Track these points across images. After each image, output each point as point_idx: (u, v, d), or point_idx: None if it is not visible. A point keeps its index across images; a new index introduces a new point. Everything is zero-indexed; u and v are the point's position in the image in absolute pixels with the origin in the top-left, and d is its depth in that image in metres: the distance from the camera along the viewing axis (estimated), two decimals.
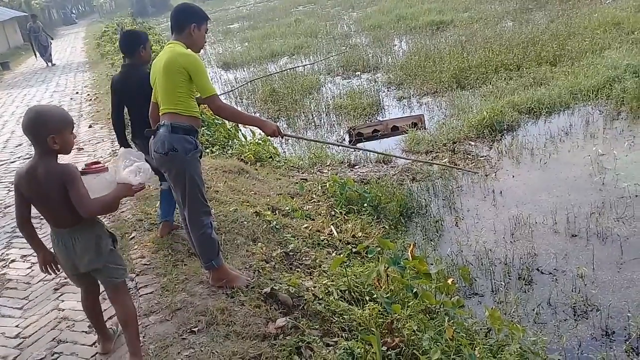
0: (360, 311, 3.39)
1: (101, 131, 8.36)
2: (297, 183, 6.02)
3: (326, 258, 4.24)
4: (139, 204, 5.00)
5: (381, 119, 8.95)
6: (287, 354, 2.85)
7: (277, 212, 5.01)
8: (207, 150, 6.93)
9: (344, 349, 2.92)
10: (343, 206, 5.41)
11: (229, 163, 6.33)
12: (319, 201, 5.58)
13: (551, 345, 3.52)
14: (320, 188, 5.85)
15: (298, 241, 4.41)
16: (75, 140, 2.59)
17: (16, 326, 3.44)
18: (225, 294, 3.36)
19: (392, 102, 10.05)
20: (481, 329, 3.58)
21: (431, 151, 7.13)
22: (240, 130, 8.21)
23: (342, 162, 7.23)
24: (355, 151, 7.41)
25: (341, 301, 3.50)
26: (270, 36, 20.37)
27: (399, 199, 5.57)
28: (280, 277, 3.69)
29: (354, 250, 4.52)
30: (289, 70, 13.09)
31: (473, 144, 7.16)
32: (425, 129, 8.10)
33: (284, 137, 4.09)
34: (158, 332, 3.03)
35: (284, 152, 8.19)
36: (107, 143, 7.58)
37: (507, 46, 11.07)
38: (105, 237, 2.65)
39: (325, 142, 8.15)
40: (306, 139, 8.29)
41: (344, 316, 3.32)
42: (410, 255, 3.59)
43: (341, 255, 4.10)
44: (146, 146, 3.41)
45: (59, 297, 3.71)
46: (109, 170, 2.62)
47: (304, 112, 10.10)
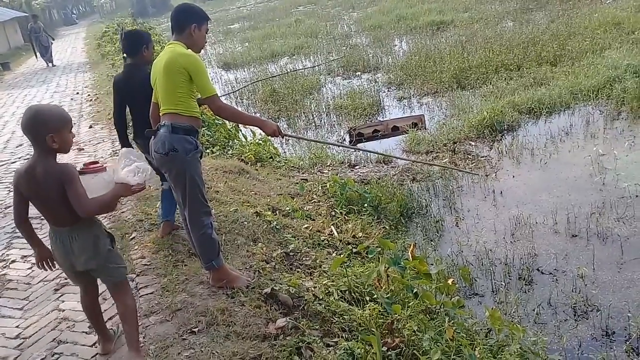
0: (360, 311, 3.39)
1: (102, 131, 8.37)
2: (298, 183, 6.02)
3: (326, 258, 4.24)
4: (139, 204, 5.01)
5: (381, 119, 8.94)
6: (288, 354, 2.85)
7: (277, 212, 5.01)
8: (207, 150, 6.93)
9: (344, 350, 2.92)
10: (343, 206, 5.41)
11: (229, 163, 6.33)
12: (319, 201, 5.58)
13: (551, 346, 3.52)
14: (320, 188, 5.85)
15: (298, 241, 4.41)
16: (75, 141, 2.61)
17: (16, 327, 3.44)
18: (225, 294, 3.36)
19: (392, 102, 10.05)
20: (481, 329, 3.58)
21: (431, 151, 7.13)
22: (241, 130, 8.21)
23: (342, 163, 7.23)
24: (355, 151, 7.41)
25: (341, 301, 3.50)
26: (270, 36, 20.37)
27: (399, 199, 5.57)
28: (281, 277, 3.69)
29: (354, 250, 4.52)
30: (291, 71, 13.09)
31: (473, 144, 7.16)
32: (425, 129, 8.09)
33: (284, 137, 4.10)
34: (158, 333, 3.03)
35: (285, 152, 8.19)
36: (107, 143, 7.58)
37: (508, 46, 11.06)
38: (103, 237, 2.66)
39: (325, 143, 8.15)
40: (306, 139, 8.29)
41: (344, 316, 3.32)
42: (410, 256, 3.60)
43: (341, 256, 4.10)
44: (147, 146, 3.41)
45: (60, 297, 3.72)
46: (107, 170, 2.64)
47: (304, 113, 10.10)
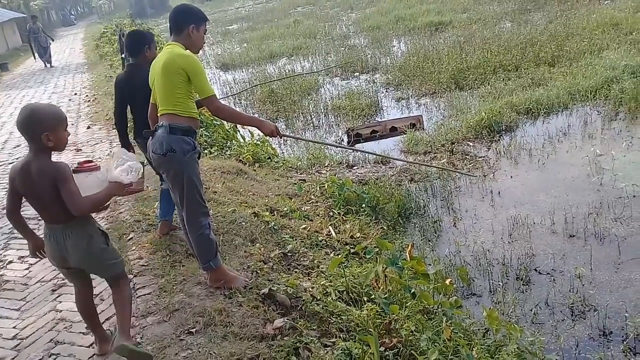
0: (358, 312, 3.40)
1: (99, 132, 8.35)
2: (296, 184, 6.02)
3: (324, 259, 4.24)
4: (136, 204, 5.00)
5: (380, 120, 8.96)
6: (285, 354, 2.85)
7: (275, 212, 5.01)
8: (205, 151, 6.92)
9: (341, 350, 2.92)
10: (341, 207, 5.41)
11: (227, 164, 6.33)
12: (317, 202, 5.58)
13: (549, 346, 3.53)
14: (318, 189, 5.85)
15: (296, 242, 4.41)
16: (73, 142, 2.62)
17: (13, 327, 3.44)
18: (223, 294, 3.36)
19: (390, 103, 10.06)
20: (479, 329, 3.58)
21: (429, 152, 7.14)
22: (239, 131, 8.21)
23: (340, 163, 7.24)
24: (353, 152, 7.42)
25: (339, 302, 3.50)
26: (269, 37, 20.38)
27: (397, 199, 5.57)
28: (279, 277, 3.69)
29: (352, 250, 4.51)
30: (290, 74, 13.07)
31: (471, 144, 7.17)
32: (423, 129, 8.11)
33: (283, 138, 4.10)
34: (156, 333, 3.02)
35: (283, 152, 8.19)
36: (105, 144, 7.57)
37: (506, 47, 11.09)
38: (97, 236, 2.68)
39: (323, 143, 8.15)
40: (305, 139, 8.29)
41: (342, 317, 3.32)
42: (408, 256, 3.59)
43: (339, 256, 4.11)
44: (147, 146, 3.41)
45: (57, 298, 3.71)
46: (100, 169, 2.67)
47: (302, 113, 10.11)
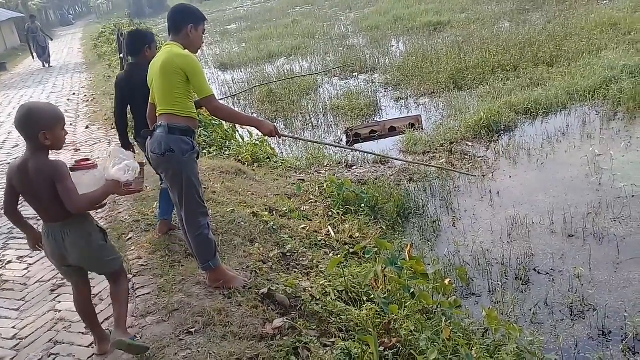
0: (357, 312, 3.39)
1: (98, 132, 8.34)
2: (295, 184, 6.02)
3: (323, 259, 4.24)
4: (136, 205, 5.00)
5: (379, 120, 8.96)
6: (285, 354, 2.85)
7: (274, 212, 5.01)
8: (204, 151, 6.92)
9: (341, 350, 2.92)
10: (340, 207, 5.41)
11: (226, 164, 6.32)
12: (316, 202, 5.58)
13: (548, 345, 3.53)
14: (317, 189, 5.85)
15: (295, 242, 4.41)
16: (72, 142, 2.63)
17: (13, 327, 3.43)
18: (222, 294, 3.35)
19: (389, 103, 10.06)
20: (478, 329, 3.58)
21: (428, 152, 7.14)
22: (238, 131, 8.20)
23: (339, 163, 7.24)
24: (352, 152, 7.42)
25: (338, 302, 3.50)
26: (267, 37, 20.37)
27: (396, 199, 5.57)
28: (278, 277, 3.68)
29: (351, 250, 4.51)
30: (289, 74, 13.06)
31: (470, 144, 7.18)
32: (422, 129, 8.12)
33: (282, 138, 4.11)
34: (155, 333, 3.02)
35: (282, 152, 8.19)
36: (104, 144, 7.57)
37: (504, 47, 11.09)
38: (95, 233, 2.70)
39: (322, 143, 8.15)
40: (304, 139, 8.29)
41: (342, 317, 3.32)
42: (407, 256, 3.60)
43: (338, 256, 4.11)
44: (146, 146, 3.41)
45: (56, 298, 3.71)
46: (97, 167, 2.69)
47: (301, 113, 10.11)
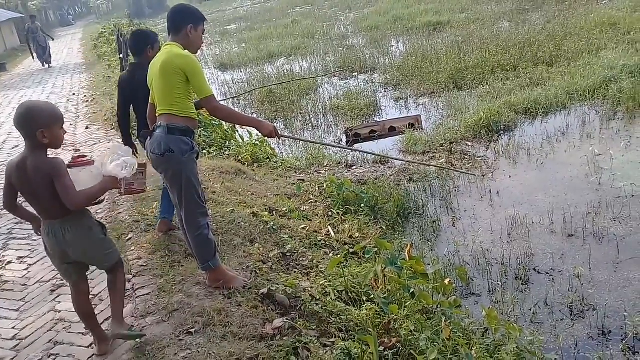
0: (357, 312, 3.39)
1: (98, 132, 8.34)
2: (295, 184, 6.02)
3: (323, 259, 4.24)
4: (135, 205, 5.00)
5: (378, 120, 8.96)
6: (284, 354, 2.85)
7: (274, 213, 5.01)
8: (204, 151, 6.92)
9: (341, 350, 2.92)
10: (340, 207, 5.41)
11: (226, 164, 6.32)
12: (316, 202, 5.58)
13: (548, 345, 3.53)
14: (317, 189, 5.85)
15: (295, 242, 4.41)
16: (72, 142, 2.65)
17: (13, 328, 3.43)
18: (222, 294, 3.35)
19: (389, 103, 10.07)
20: (478, 328, 3.58)
21: (428, 152, 7.14)
22: (238, 131, 8.20)
23: (339, 163, 7.24)
24: (352, 152, 7.42)
25: (338, 302, 3.50)
26: (267, 37, 20.38)
27: (396, 199, 5.57)
28: (278, 277, 3.68)
29: (351, 250, 4.51)
30: (288, 74, 13.05)
31: (470, 144, 7.18)
32: (422, 129, 8.12)
33: (281, 138, 4.10)
34: (155, 333, 3.02)
35: (281, 153, 8.19)
36: (103, 144, 7.56)
37: (504, 47, 11.09)
38: (95, 227, 2.76)
39: (322, 144, 8.15)
40: (303, 140, 8.29)
41: (341, 317, 3.32)
42: (407, 256, 3.60)
43: (338, 256, 4.11)
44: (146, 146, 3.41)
45: (56, 298, 3.71)
46: (94, 163, 2.72)
47: (301, 113, 10.11)
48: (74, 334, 3.24)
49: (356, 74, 12.54)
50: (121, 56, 10.75)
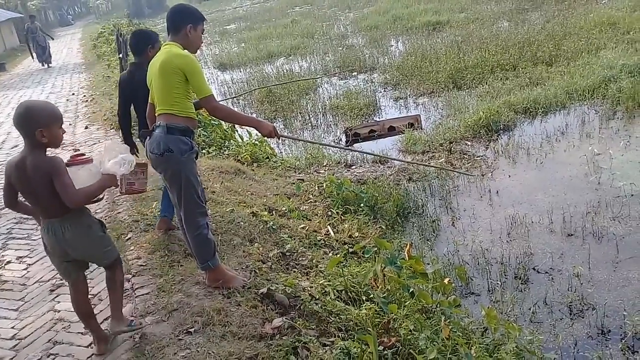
0: (356, 311, 3.39)
1: (97, 132, 8.33)
2: (294, 183, 6.02)
3: (323, 258, 4.24)
4: (135, 205, 5.00)
5: (378, 119, 8.96)
6: (284, 354, 2.85)
7: (273, 212, 5.01)
8: (203, 151, 6.92)
9: (340, 349, 2.92)
10: (340, 206, 5.41)
11: (225, 164, 6.32)
12: (315, 201, 5.58)
13: (547, 344, 3.53)
14: (317, 188, 5.85)
15: (295, 241, 4.41)
16: (71, 142, 2.66)
17: (12, 327, 3.43)
18: (221, 294, 3.35)
19: (388, 103, 10.07)
20: (477, 328, 3.59)
21: (428, 151, 7.14)
22: (237, 131, 8.20)
23: (338, 163, 7.24)
24: (352, 151, 7.42)
25: (338, 301, 3.50)
26: (266, 37, 20.37)
27: (395, 199, 5.57)
28: (277, 277, 3.68)
29: (350, 250, 4.52)
30: (288, 74, 13.04)
31: (469, 144, 7.18)
32: (421, 129, 8.12)
33: (281, 138, 4.11)
34: (154, 333, 3.02)
35: (281, 152, 8.19)
36: (103, 144, 7.57)
37: (503, 46, 11.09)
38: (95, 225, 2.78)
39: (321, 144, 8.14)
40: (302, 140, 8.29)
41: (341, 316, 3.32)
42: (406, 255, 3.60)
43: (338, 256, 4.11)
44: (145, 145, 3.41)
45: (55, 298, 3.71)
46: (93, 161, 2.74)
47: (300, 113, 10.11)
48: (73, 333, 3.24)
49: (355, 73, 12.54)
50: (120, 56, 10.74)
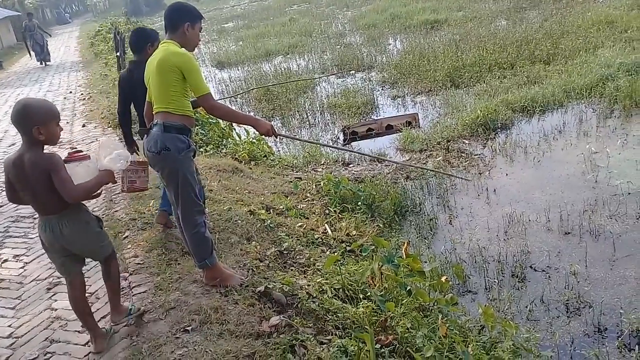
0: (354, 309, 3.40)
1: (95, 130, 8.32)
2: (292, 182, 6.02)
3: (320, 256, 4.24)
4: (132, 203, 4.99)
5: (376, 118, 8.96)
6: (281, 352, 2.85)
7: (271, 210, 5.01)
8: (201, 149, 6.92)
9: (337, 347, 2.93)
10: (337, 205, 5.42)
11: (223, 162, 6.32)
12: (313, 200, 5.58)
13: (544, 342, 3.54)
14: (314, 187, 5.85)
15: (292, 240, 4.41)
16: (69, 140, 2.67)
17: (9, 326, 3.43)
18: (219, 292, 3.35)
19: (386, 101, 10.06)
20: (474, 326, 3.59)
21: (425, 150, 7.15)
22: (235, 129, 8.20)
23: (336, 161, 7.24)
24: (347, 152, 7.43)
25: (335, 299, 3.51)
26: (264, 35, 20.35)
27: (393, 197, 5.58)
28: (274, 275, 3.69)
29: (348, 248, 4.52)
30: (286, 72, 13.02)
31: (467, 142, 7.18)
32: (419, 127, 8.13)
33: (278, 137, 4.12)
34: (151, 331, 3.02)
35: (278, 151, 8.19)
36: (99, 141, 7.55)
37: (501, 45, 11.09)
38: (92, 221, 2.81)
39: (318, 143, 8.13)
40: (300, 139, 8.28)
41: (338, 314, 3.32)
42: (404, 254, 3.60)
43: (335, 254, 4.11)
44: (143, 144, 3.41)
45: (52, 296, 3.70)
46: (90, 158, 2.77)
47: (298, 111, 10.10)
48: (70, 332, 3.23)
49: (353, 72, 12.53)
50: (118, 54, 10.71)
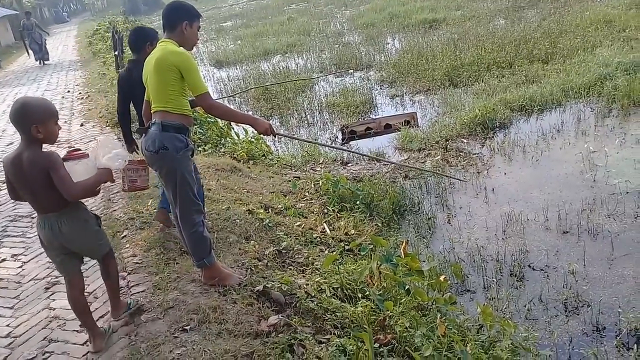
0: (352, 308, 3.40)
1: (93, 129, 8.30)
2: (290, 181, 6.01)
3: (319, 256, 4.24)
4: (130, 202, 4.98)
5: (374, 117, 8.96)
6: (280, 351, 2.85)
7: (269, 210, 5.01)
8: (199, 148, 6.91)
9: (336, 346, 2.93)
10: (336, 204, 5.42)
11: (221, 161, 6.31)
12: (311, 199, 5.58)
13: (542, 341, 3.55)
14: (313, 186, 5.85)
15: (291, 239, 4.41)
16: (67, 139, 2.68)
17: (7, 325, 3.42)
18: (217, 292, 3.35)
19: (384, 100, 10.06)
20: (473, 325, 3.59)
21: (424, 149, 7.15)
22: (233, 128, 8.19)
23: (335, 160, 7.24)
24: (345, 152, 7.43)
25: (334, 299, 3.51)
26: (263, 34, 20.34)
27: (391, 196, 5.58)
28: (273, 275, 3.69)
29: (346, 247, 4.52)
30: (284, 71, 13.01)
31: (465, 141, 7.19)
32: (417, 126, 8.13)
33: (277, 136, 4.12)
34: (150, 331, 3.02)
35: (277, 150, 8.18)
36: (96, 140, 7.53)
37: (500, 44, 11.10)
38: (91, 219, 2.84)
39: (316, 143, 8.12)
40: (298, 139, 8.28)
41: (337, 313, 3.32)
42: (402, 253, 3.60)
43: (334, 253, 4.11)
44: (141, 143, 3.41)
45: (50, 296, 3.70)
46: (89, 156, 2.78)
47: (297, 110, 10.10)
48: (68, 331, 3.23)
49: (352, 71, 12.53)
50: (116, 53, 10.70)
